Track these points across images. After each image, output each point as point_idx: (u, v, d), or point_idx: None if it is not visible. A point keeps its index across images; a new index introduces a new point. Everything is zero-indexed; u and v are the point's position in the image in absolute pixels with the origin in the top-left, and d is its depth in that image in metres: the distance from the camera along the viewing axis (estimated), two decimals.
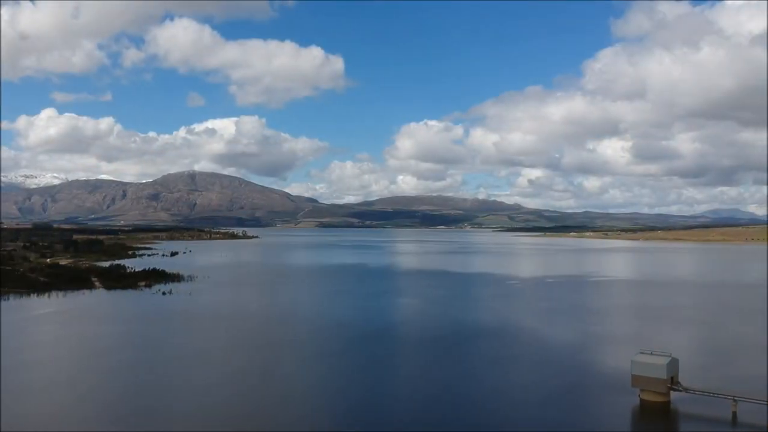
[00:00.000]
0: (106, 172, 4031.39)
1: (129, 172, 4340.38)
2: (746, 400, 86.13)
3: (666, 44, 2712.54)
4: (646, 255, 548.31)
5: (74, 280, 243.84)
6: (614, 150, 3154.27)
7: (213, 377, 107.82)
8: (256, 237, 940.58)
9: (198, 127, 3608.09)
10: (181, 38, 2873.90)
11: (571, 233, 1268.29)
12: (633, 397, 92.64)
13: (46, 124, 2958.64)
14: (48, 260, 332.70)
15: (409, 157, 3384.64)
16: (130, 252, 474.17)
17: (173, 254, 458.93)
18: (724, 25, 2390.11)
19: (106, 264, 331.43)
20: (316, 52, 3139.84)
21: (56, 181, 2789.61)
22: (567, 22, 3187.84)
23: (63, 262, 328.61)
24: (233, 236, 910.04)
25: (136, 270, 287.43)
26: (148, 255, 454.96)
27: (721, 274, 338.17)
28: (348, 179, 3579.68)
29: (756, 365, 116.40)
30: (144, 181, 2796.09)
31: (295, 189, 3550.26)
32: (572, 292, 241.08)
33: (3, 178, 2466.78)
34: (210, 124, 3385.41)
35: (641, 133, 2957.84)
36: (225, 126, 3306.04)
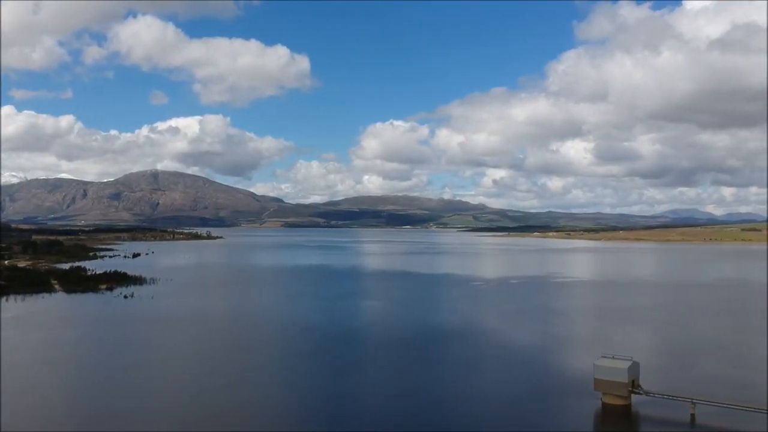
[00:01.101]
0: (67, 171, 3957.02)
1: (90, 171, 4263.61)
2: (704, 402, 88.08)
3: (627, 47, 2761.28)
4: (608, 255, 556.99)
5: (33, 283, 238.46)
6: (577, 151, 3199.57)
7: (175, 381, 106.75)
8: (221, 237, 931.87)
9: (161, 126, 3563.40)
10: (144, 36, 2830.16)
11: (535, 233, 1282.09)
12: (596, 401, 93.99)
13: (4, 121, 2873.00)
14: (6, 262, 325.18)
15: (375, 157, 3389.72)
16: (90, 253, 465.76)
17: (135, 256, 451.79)
18: (683, 30, 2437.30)
19: (66, 266, 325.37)
20: (281, 52, 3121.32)
21: (14, 180, 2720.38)
22: (531, 24, 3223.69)
23: (21, 264, 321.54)
24: (197, 237, 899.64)
25: (97, 272, 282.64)
26: (110, 256, 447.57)
27: (681, 274, 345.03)
28: (313, 179, 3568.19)
29: (714, 366, 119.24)
30: (105, 180, 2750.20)
31: (260, 189, 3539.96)
32: (536, 293, 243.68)
33: None
34: (173, 122, 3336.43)
35: (603, 135, 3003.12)
36: (189, 125, 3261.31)
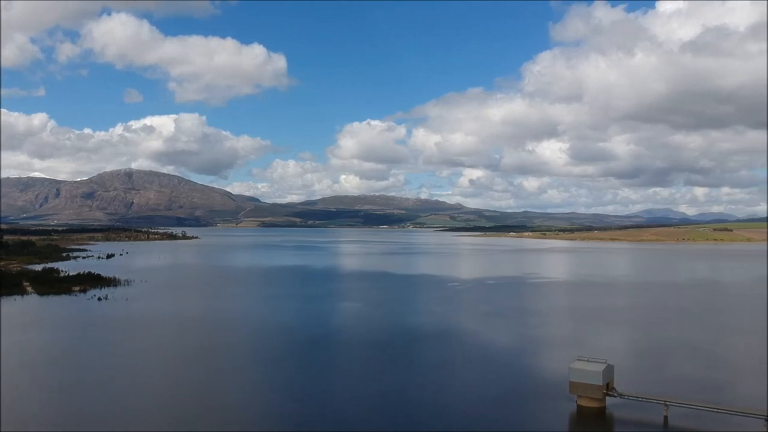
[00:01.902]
0: (39, 169, 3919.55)
1: (63, 169, 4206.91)
2: (677, 404, 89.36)
3: (602, 49, 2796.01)
4: (583, 255, 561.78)
5: (4, 285, 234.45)
6: (552, 151, 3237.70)
7: (151, 383, 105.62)
8: (196, 238, 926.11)
9: (135, 124, 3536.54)
10: (118, 33, 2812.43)
11: (511, 233, 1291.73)
12: (571, 403, 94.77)
13: None
14: None
15: (352, 157, 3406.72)
16: (63, 254, 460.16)
17: (109, 257, 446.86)
18: (657, 32, 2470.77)
19: (38, 267, 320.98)
20: (258, 50, 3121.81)
21: None
22: (507, 25, 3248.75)
23: None
24: (172, 237, 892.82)
25: (71, 274, 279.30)
26: (83, 257, 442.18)
27: (654, 274, 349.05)
28: (290, 178, 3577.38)
29: (687, 368, 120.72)
30: (79, 179, 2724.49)
31: (236, 188, 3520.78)
32: (512, 294, 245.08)
33: None
34: (148, 121, 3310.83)
35: (578, 135, 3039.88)
36: (164, 123, 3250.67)
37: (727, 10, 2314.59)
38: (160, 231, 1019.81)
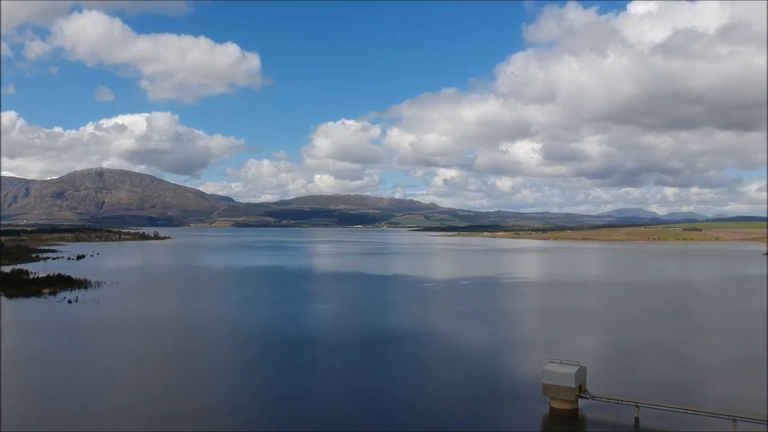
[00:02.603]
0: (8, 168, 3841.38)
1: (32, 168, 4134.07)
2: (648, 405, 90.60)
3: (574, 50, 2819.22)
4: (556, 255, 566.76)
5: None
6: (526, 151, 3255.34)
7: (124, 387, 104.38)
8: (169, 238, 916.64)
9: (107, 123, 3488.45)
10: (89, 31, 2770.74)
11: (484, 233, 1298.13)
12: (544, 405, 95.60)
13: None
14: None
15: (327, 156, 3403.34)
16: (33, 255, 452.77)
17: (80, 257, 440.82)
18: (628, 34, 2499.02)
19: (7, 269, 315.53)
20: (231, 49, 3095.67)
21: None
22: (481, 26, 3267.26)
23: None
24: (144, 237, 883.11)
25: (40, 275, 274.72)
26: (53, 258, 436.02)
27: (625, 274, 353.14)
28: (264, 178, 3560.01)
29: (657, 368, 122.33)
30: (49, 179, 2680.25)
31: (209, 187, 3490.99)
32: (486, 294, 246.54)
33: None
34: (120, 119, 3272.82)
35: (551, 136, 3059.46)
36: (135, 122, 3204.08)
37: (696, 13, 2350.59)
38: (132, 231, 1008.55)
